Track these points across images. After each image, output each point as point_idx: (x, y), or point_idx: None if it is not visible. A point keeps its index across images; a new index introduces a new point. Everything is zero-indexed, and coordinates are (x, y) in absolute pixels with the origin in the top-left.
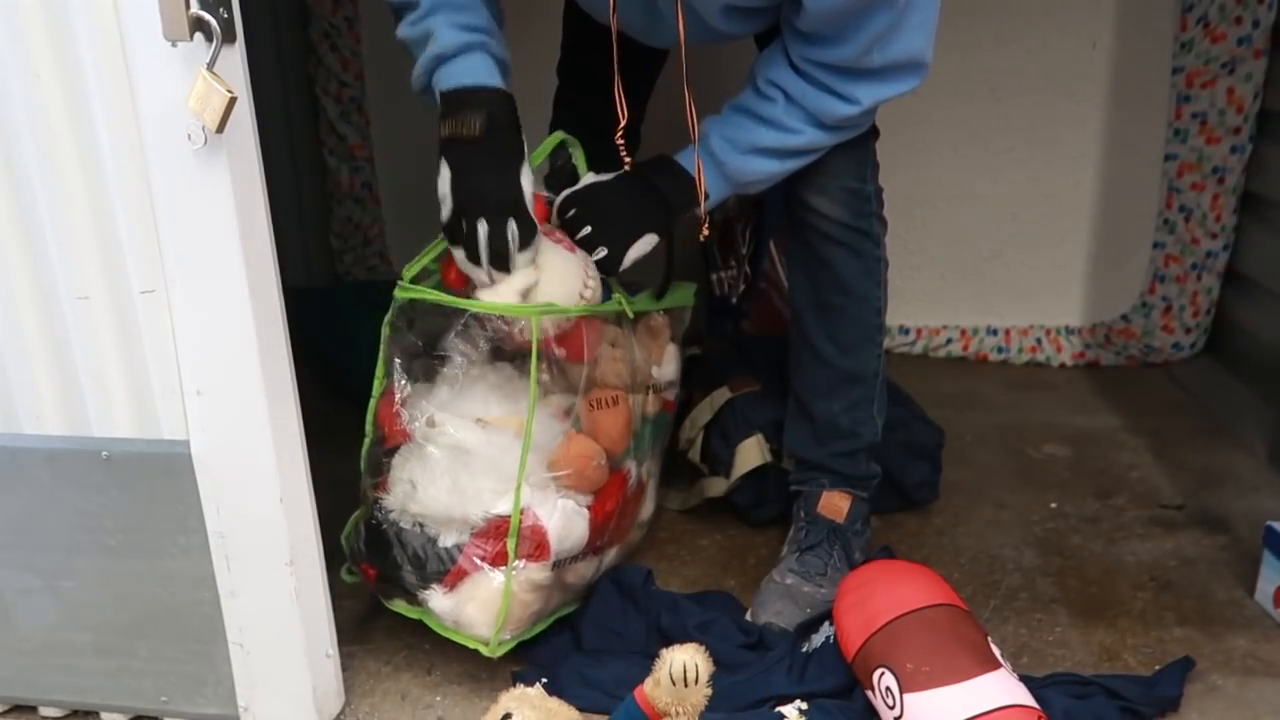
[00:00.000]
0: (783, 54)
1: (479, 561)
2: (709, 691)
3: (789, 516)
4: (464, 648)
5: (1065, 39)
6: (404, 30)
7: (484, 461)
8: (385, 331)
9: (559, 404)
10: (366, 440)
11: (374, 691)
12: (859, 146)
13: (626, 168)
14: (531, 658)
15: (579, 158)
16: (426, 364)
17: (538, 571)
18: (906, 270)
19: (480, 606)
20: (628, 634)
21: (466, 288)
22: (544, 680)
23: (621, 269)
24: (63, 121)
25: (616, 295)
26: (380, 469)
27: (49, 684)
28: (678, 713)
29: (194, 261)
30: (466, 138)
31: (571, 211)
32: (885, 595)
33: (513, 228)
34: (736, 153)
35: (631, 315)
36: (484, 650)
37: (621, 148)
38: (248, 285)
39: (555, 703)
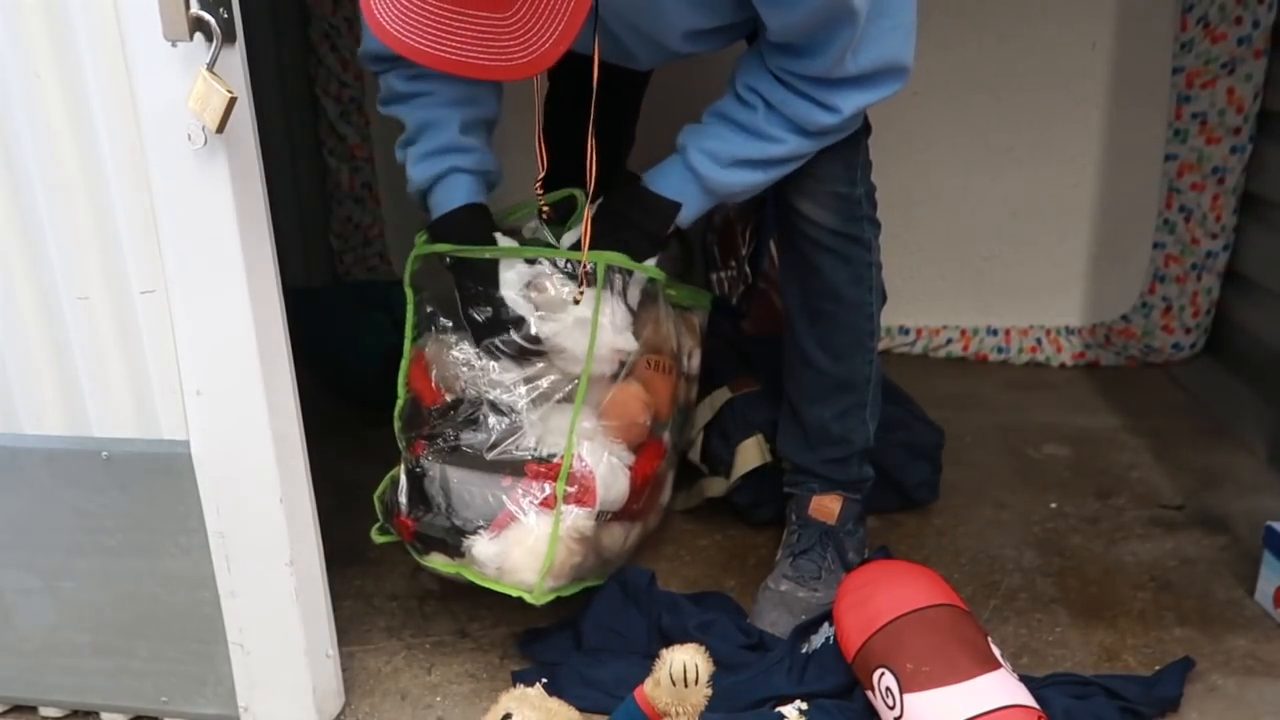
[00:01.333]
0: (761, 61)
1: (527, 506)
2: (709, 691)
3: None
4: (464, 648)
5: (1065, 39)
6: (398, 155)
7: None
8: (410, 293)
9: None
10: (400, 401)
11: (374, 691)
12: (847, 149)
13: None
14: (532, 655)
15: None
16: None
17: (584, 518)
18: (906, 270)
19: (527, 552)
20: (629, 634)
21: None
22: (544, 680)
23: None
24: (63, 121)
25: (650, 271)
26: (421, 423)
27: (49, 684)
28: (678, 713)
29: (194, 261)
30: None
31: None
32: (885, 595)
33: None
34: (718, 166)
35: (664, 280)
36: (528, 598)
37: (539, 195)
38: (248, 285)
39: (555, 703)
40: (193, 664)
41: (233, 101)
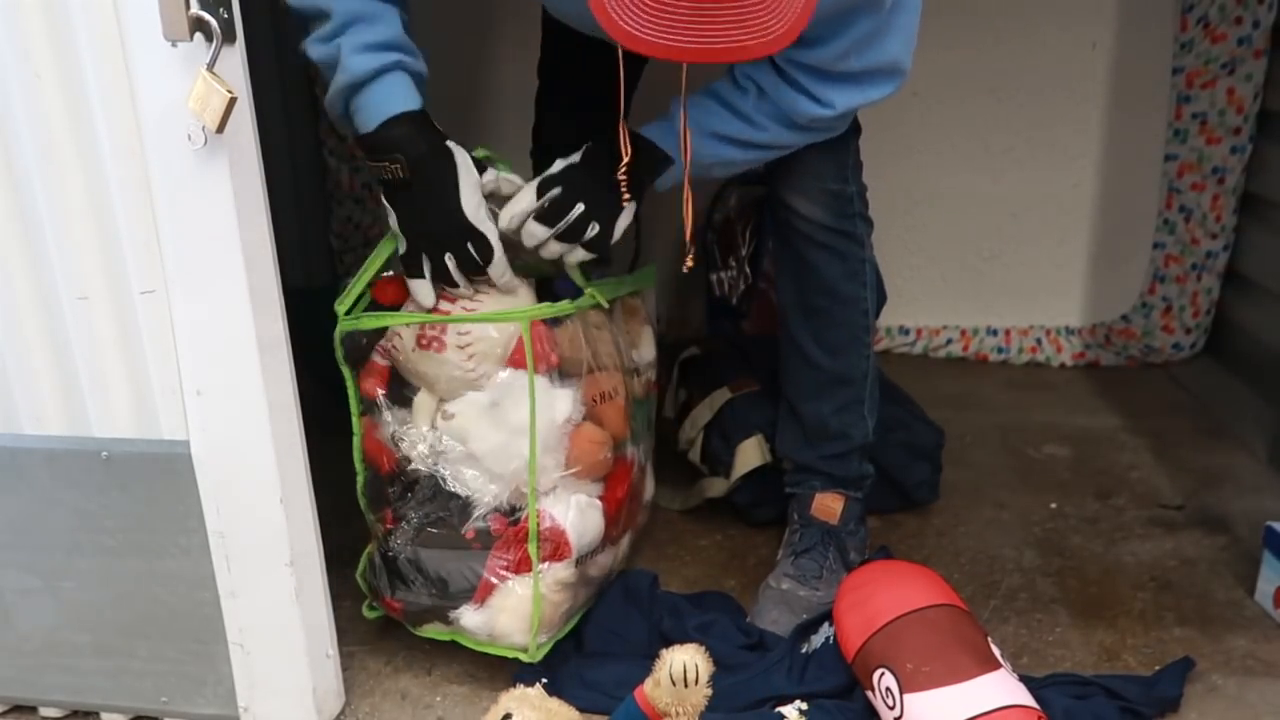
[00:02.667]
0: None
1: (504, 572)
2: (709, 691)
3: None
4: (464, 648)
5: (1065, 39)
6: (313, 50)
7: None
8: (347, 371)
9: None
10: (360, 479)
11: (374, 691)
12: (839, 148)
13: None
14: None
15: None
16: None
17: (562, 570)
18: (906, 270)
19: (513, 616)
20: (629, 636)
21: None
22: (544, 680)
23: (613, 241)
24: (63, 122)
25: (589, 290)
26: (383, 501)
27: (49, 684)
28: (678, 713)
29: (194, 261)
30: (395, 183)
31: (556, 191)
32: (885, 595)
33: (470, 251)
34: (699, 134)
35: (607, 305)
36: (524, 657)
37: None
38: (247, 285)
39: (555, 703)
40: (193, 664)
41: (233, 101)
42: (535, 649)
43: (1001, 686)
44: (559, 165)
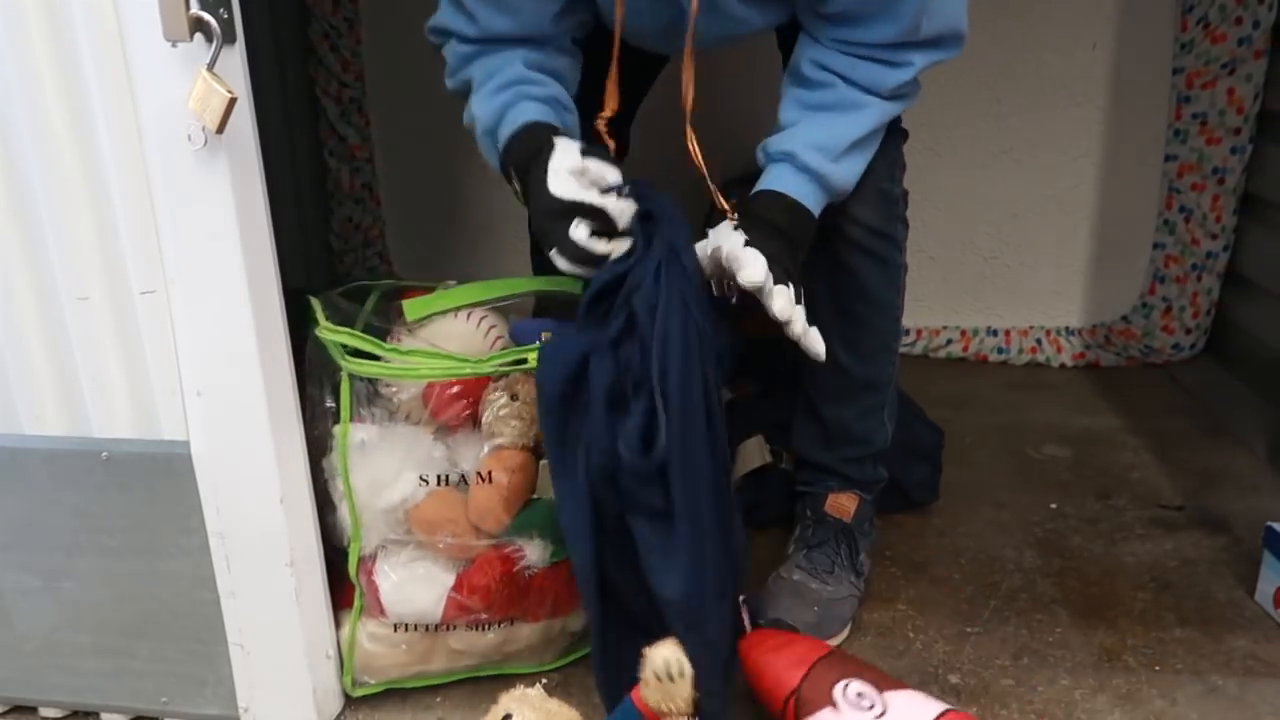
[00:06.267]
0: (816, 40)
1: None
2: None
3: (790, 517)
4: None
5: (1065, 40)
6: (465, 118)
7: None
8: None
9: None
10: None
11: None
12: (891, 146)
13: (727, 209)
14: None
15: None
16: None
17: (378, 626)
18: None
19: (344, 644)
20: None
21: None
22: (543, 681)
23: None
24: (63, 121)
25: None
26: None
27: (49, 684)
28: (669, 709)
29: (194, 262)
30: (523, 200)
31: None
32: (788, 654)
33: (581, 228)
34: (829, 160)
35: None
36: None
37: (607, 134)
38: (248, 286)
39: (555, 703)
40: (193, 664)
41: (233, 102)
42: (351, 684)
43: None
44: (731, 239)
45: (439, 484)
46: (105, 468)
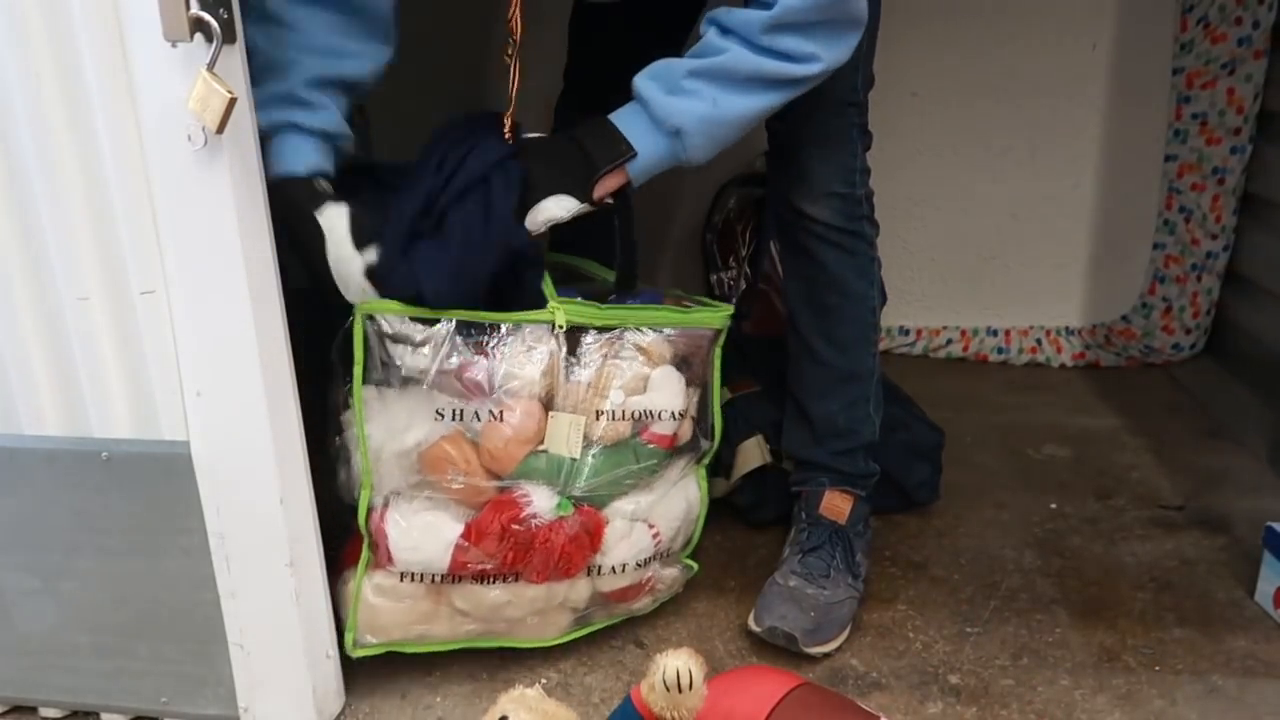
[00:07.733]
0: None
1: (347, 560)
2: (705, 693)
3: (789, 517)
4: (465, 649)
5: (1065, 39)
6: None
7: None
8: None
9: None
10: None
11: (374, 691)
12: (841, 153)
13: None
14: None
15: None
16: None
17: (384, 578)
18: (907, 271)
19: (345, 604)
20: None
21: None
22: (542, 681)
23: (533, 232)
24: (63, 122)
25: (552, 305)
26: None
27: (49, 684)
28: (673, 717)
29: (194, 262)
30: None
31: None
32: (747, 695)
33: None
34: (663, 92)
35: (563, 325)
36: (349, 650)
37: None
38: (248, 286)
39: (553, 704)
40: (193, 664)
41: (233, 102)
42: (353, 645)
43: None
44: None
45: (454, 419)
46: (105, 468)
